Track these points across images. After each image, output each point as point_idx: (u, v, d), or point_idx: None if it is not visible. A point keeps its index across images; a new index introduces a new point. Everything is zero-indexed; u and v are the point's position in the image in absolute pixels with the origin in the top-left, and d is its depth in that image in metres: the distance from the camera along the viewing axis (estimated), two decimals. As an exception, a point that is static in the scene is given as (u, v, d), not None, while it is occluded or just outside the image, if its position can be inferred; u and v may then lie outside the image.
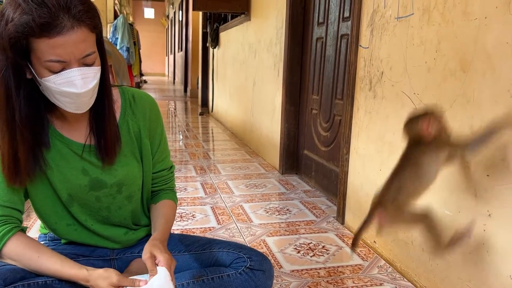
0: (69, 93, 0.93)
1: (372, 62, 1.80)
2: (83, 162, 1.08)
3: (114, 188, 1.12)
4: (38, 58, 0.89)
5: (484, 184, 1.21)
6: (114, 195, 1.12)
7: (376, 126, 1.78)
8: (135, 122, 1.15)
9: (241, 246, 1.25)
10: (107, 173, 1.10)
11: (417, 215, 1.11)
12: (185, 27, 9.86)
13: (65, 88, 0.92)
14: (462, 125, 1.29)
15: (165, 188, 1.27)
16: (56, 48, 0.88)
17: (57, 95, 0.94)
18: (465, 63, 1.27)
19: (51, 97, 0.96)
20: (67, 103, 0.96)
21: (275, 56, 3.17)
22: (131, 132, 1.14)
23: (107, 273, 0.97)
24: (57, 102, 0.96)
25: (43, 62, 0.89)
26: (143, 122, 1.16)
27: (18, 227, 1.01)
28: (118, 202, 1.14)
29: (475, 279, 1.25)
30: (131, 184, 1.14)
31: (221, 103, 5.52)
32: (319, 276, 1.56)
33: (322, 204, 2.39)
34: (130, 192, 1.15)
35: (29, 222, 1.97)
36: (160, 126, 1.21)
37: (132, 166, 1.14)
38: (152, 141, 1.19)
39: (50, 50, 0.88)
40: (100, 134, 1.06)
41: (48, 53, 0.88)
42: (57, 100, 0.95)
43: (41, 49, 0.88)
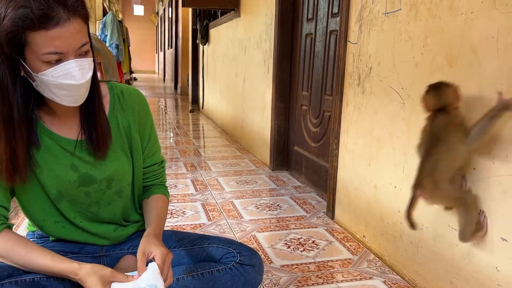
0: (68, 85, 0.92)
1: (360, 58, 1.81)
2: (73, 158, 1.07)
3: (104, 184, 1.11)
4: (34, 52, 0.88)
5: (471, 177, 1.22)
6: (103, 191, 1.12)
7: (365, 122, 1.79)
8: (124, 117, 1.14)
9: (231, 241, 1.26)
10: (97, 169, 1.09)
11: (456, 194, 1.17)
12: (175, 24, 9.81)
13: (64, 81, 0.92)
14: (449, 119, 1.30)
15: (156, 183, 1.27)
16: (54, 40, 0.88)
17: (55, 88, 0.93)
18: (451, 57, 1.29)
19: (46, 92, 0.95)
20: (64, 97, 0.95)
21: (264, 52, 3.17)
22: (120, 127, 1.13)
23: (98, 267, 0.96)
24: (53, 96, 0.95)
25: (40, 55, 0.88)
26: (132, 117, 1.16)
27: (4, 224, 1.00)
28: (108, 198, 1.13)
29: (462, 271, 1.27)
30: (120, 179, 1.14)
31: (212, 100, 5.51)
32: (309, 270, 1.57)
33: (312, 200, 2.40)
34: (120, 188, 1.15)
35: (17, 221, 1.95)
36: (150, 121, 1.21)
37: (121, 162, 1.14)
38: (142, 135, 1.19)
39: (48, 42, 0.87)
40: (92, 128, 1.06)
41: (45, 45, 0.87)
42: (53, 94, 0.94)
43: (38, 42, 0.87)
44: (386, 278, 1.54)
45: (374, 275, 1.55)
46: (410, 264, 1.51)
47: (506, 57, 1.10)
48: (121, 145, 1.13)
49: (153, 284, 0.96)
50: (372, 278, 1.53)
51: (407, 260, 1.53)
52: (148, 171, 1.24)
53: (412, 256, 1.50)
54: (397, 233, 1.58)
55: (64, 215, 1.10)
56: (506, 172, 1.11)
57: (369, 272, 1.57)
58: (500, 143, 1.12)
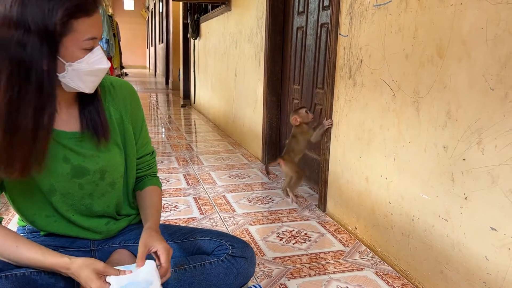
0: (99, 70, 0.96)
1: (351, 50, 1.81)
2: (65, 150, 1.06)
3: (97, 175, 1.11)
4: (76, 39, 0.91)
5: (461, 168, 1.23)
6: (97, 182, 1.11)
7: (356, 114, 1.80)
8: (116, 108, 1.15)
9: (223, 234, 1.26)
10: (90, 160, 1.09)
11: (295, 169, 2.19)
12: (166, 19, 9.74)
13: (97, 66, 0.95)
14: (439, 110, 1.31)
15: (148, 173, 1.28)
16: (93, 26, 0.92)
17: (86, 76, 0.95)
18: (441, 49, 1.29)
19: (73, 81, 0.96)
20: (90, 83, 0.98)
21: (256, 46, 3.16)
22: (113, 118, 1.14)
23: (90, 260, 0.96)
24: (80, 85, 0.97)
25: (82, 42, 0.91)
26: (124, 108, 1.16)
27: None
28: (101, 189, 1.13)
29: (452, 261, 1.29)
30: (113, 170, 1.14)
31: (203, 95, 5.49)
32: (301, 262, 1.58)
33: (304, 193, 2.41)
34: (113, 179, 1.15)
35: (8, 216, 1.93)
36: (141, 112, 1.22)
37: (114, 153, 1.13)
38: (135, 126, 1.20)
39: (90, 29, 0.92)
40: (95, 117, 1.07)
41: (88, 31, 0.91)
42: (81, 82, 0.96)
43: (82, 29, 0.91)
44: (378, 269, 1.55)
45: (366, 266, 1.56)
46: (401, 255, 1.53)
47: (495, 48, 1.11)
48: (113, 137, 1.14)
49: (150, 280, 0.96)
50: (363, 269, 1.54)
51: (398, 251, 1.54)
52: (141, 161, 1.25)
53: (403, 247, 1.51)
54: (388, 224, 1.60)
55: (56, 209, 1.09)
56: (495, 162, 1.12)
57: (360, 264, 1.59)
58: (489, 133, 1.13)
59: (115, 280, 0.94)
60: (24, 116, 0.91)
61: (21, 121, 0.91)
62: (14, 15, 0.86)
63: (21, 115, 0.91)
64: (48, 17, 0.87)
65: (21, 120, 0.91)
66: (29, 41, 0.87)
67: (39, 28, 0.87)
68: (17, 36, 0.87)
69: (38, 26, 0.87)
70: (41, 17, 0.87)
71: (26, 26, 0.87)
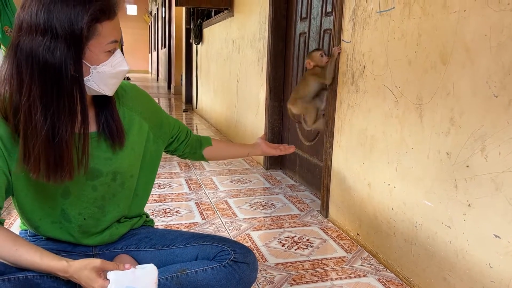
0: (121, 72, 0.99)
1: (354, 56, 1.82)
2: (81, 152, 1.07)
3: (109, 176, 1.12)
4: (100, 43, 0.93)
5: (464, 175, 1.23)
6: (109, 183, 1.13)
7: (358, 120, 1.80)
8: (130, 109, 1.17)
9: (225, 239, 1.25)
10: (103, 162, 1.10)
11: (304, 106, 2.10)
12: (168, 24, 9.77)
13: (120, 68, 0.98)
14: (443, 117, 1.31)
15: (192, 136, 1.38)
16: (114, 29, 0.95)
17: (109, 78, 0.97)
18: (445, 55, 1.29)
19: (97, 85, 0.98)
20: (112, 86, 1.00)
21: (258, 51, 3.17)
22: (127, 120, 1.15)
23: (87, 260, 0.96)
24: (103, 88, 0.99)
25: (105, 45, 0.94)
26: (138, 108, 1.18)
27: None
28: (112, 190, 1.15)
29: (455, 268, 1.28)
30: (124, 172, 1.15)
31: (206, 100, 5.50)
32: (303, 268, 1.57)
33: (306, 198, 2.40)
34: (123, 180, 1.16)
35: (10, 220, 1.93)
36: (156, 106, 1.27)
37: (126, 155, 1.15)
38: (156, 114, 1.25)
39: (112, 31, 0.95)
40: (109, 119, 1.09)
41: (111, 34, 0.94)
42: (105, 85, 0.98)
43: (105, 32, 0.93)
44: (380, 275, 1.54)
45: (368, 273, 1.56)
46: (404, 261, 1.52)
47: (498, 55, 1.11)
48: (128, 140, 1.15)
49: None
50: (366, 276, 1.53)
51: (401, 258, 1.54)
52: (180, 129, 1.34)
53: (405, 253, 1.51)
54: (390, 230, 1.59)
55: (66, 214, 1.10)
56: (499, 169, 1.12)
57: (363, 270, 1.58)
58: (493, 140, 1.13)
59: (114, 277, 0.94)
60: (62, 121, 0.93)
61: (60, 126, 0.93)
62: (41, 22, 0.88)
63: (59, 120, 0.93)
64: (75, 22, 0.89)
65: (59, 125, 0.93)
66: (57, 46, 0.89)
67: (66, 33, 0.89)
68: (45, 42, 0.89)
69: (65, 31, 0.89)
70: (68, 22, 0.89)
71: (54, 32, 0.89)
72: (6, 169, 1.00)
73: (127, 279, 0.95)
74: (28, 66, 0.90)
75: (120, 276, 0.94)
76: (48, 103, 0.92)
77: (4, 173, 1.00)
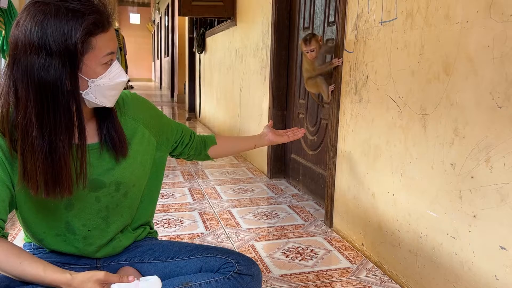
0: (120, 83, 0.98)
1: (357, 66, 1.82)
2: None
3: (113, 187, 1.12)
4: (96, 56, 0.92)
5: (469, 186, 1.22)
6: (112, 194, 1.13)
7: (362, 130, 1.79)
8: (132, 119, 1.17)
9: (229, 251, 1.25)
10: (106, 173, 1.10)
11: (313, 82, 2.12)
12: (171, 32, 9.83)
13: (118, 79, 0.97)
14: (446, 127, 1.30)
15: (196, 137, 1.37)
16: (109, 40, 0.95)
17: (108, 90, 0.97)
18: (448, 66, 1.29)
19: (96, 98, 0.97)
20: (111, 97, 0.99)
21: (261, 60, 3.18)
22: (129, 130, 1.15)
23: (91, 273, 0.96)
24: (103, 100, 0.98)
25: (102, 57, 0.93)
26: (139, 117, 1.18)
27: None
28: (116, 200, 1.14)
29: (461, 280, 1.27)
30: (127, 182, 1.15)
31: (208, 108, 5.51)
32: (307, 280, 1.56)
33: (310, 208, 2.39)
34: (126, 190, 1.16)
35: (14, 231, 1.93)
36: (158, 112, 1.25)
37: (129, 165, 1.15)
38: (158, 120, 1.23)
39: (107, 43, 0.94)
40: (111, 130, 1.09)
41: (106, 46, 0.93)
42: (104, 98, 0.98)
43: (101, 45, 0.93)
44: (385, 287, 1.53)
45: (373, 284, 1.54)
46: (409, 273, 1.51)
47: (502, 66, 1.11)
48: (130, 150, 1.15)
49: None
50: (371, 287, 1.52)
51: (406, 269, 1.52)
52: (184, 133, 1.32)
53: (411, 264, 1.50)
54: (395, 241, 1.58)
55: (70, 226, 1.09)
56: (504, 180, 1.11)
57: (368, 281, 1.57)
58: (497, 150, 1.13)
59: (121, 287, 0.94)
60: (58, 137, 0.93)
61: (56, 142, 0.93)
62: (34, 39, 0.87)
63: (55, 137, 0.92)
64: (69, 37, 0.89)
65: (56, 141, 0.93)
66: (52, 63, 0.89)
67: (61, 49, 0.89)
68: (40, 59, 0.88)
69: (60, 47, 0.88)
70: (62, 38, 0.88)
71: (48, 49, 0.88)
72: (9, 183, 1.01)
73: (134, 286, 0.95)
74: (23, 84, 0.90)
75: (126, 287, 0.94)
76: (44, 121, 0.91)
77: (7, 187, 1.00)
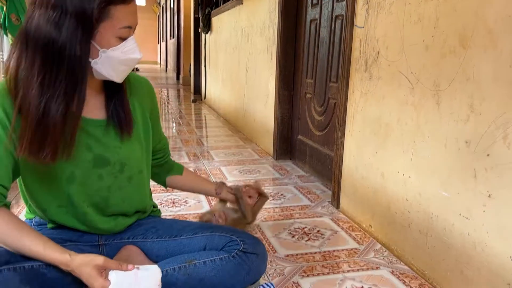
0: (131, 59, 0.97)
1: (367, 42, 1.76)
2: (89, 139, 1.06)
3: (117, 167, 1.10)
4: (112, 26, 0.91)
5: (484, 164, 1.18)
6: (116, 174, 1.10)
7: (372, 108, 1.74)
8: (139, 103, 1.15)
9: (233, 230, 1.22)
10: (111, 151, 1.08)
11: None
12: (177, 14, 9.72)
13: (131, 55, 0.96)
14: (461, 103, 1.25)
15: (169, 158, 1.38)
16: (130, 14, 0.94)
17: (118, 64, 0.95)
18: (465, 39, 1.23)
19: (105, 69, 0.96)
20: (121, 72, 0.98)
21: (268, 39, 3.11)
22: (136, 112, 1.14)
23: (90, 257, 0.93)
24: (111, 73, 0.97)
25: (118, 29, 0.92)
26: (146, 103, 1.17)
27: (1, 202, 0.97)
28: (119, 182, 1.12)
29: (473, 261, 1.23)
30: (132, 164, 1.13)
31: (214, 90, 5.46)
32: (314, 260, 1.53)
33: (316, 189, 2.36)
34: (130, 173, 1.14)
35: (17, 209, 1.92)
36: (157, 106, 1.26)
37: (135, 146, 1.13)
38: (154, 119, 1.23)
39: (127, 17, 0.93)
40: (118, 108, 1.08)
41: (125, 19, 0.92)
42: (112, 71, 0.96)
43: (119, 16, 0.92)
44: (394, 268, 1.50)
45: (381, 265, 1.51)
46: (418, 254, 1.47)
47: (523, 36, 1.05)
48: (136, 131, 1.15)
49: None
50: (379, 268, 1.49)
51: (415, 250, 1.49)
52: (162, 147, 1.32)
53: (420, 245, 1.46)
54: (405, 222, 1.54)
55: (71, 199, 1.07)
56: (522, 158, 1.06)
57: (376, 262, 1.53)
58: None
59: (115, 279, 0.91)
60: (55, 100, 0.91)
61: (51, 104, 0.91)
62: None
63: (52, 99, 0.91)
64: (87, 2, 0.87)
65: (51, 103, 0.91)
66: (65, 23, 0.87)
67: (77, 11, 0.87)
68: (54, 16, 0.87)
69: (76, 9, 0.87)
70: (80, 1, 0.87)
71: (64, 8, 0.87)
72: (13, 150, 0.98)
73: (129, 281, 0.92)
74: (34, 39, 0.89)
75: (122, 278, 0.91)
76: (46, 81, 0.90)
77: (11, 153, 0.98)
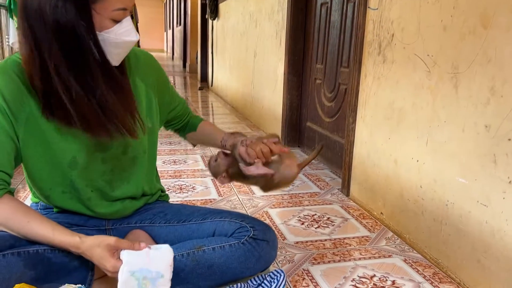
0: (126, 42, 0.93)
1: (381, 25, 1.70)
2: None
3: (120, 149, 1.07)
4: (105, 8, 0.88)
5: (505, 149, 1.13)
6: (119, 157, 1.08)
7: (385, 93, 1.69)
8: (141, 79, 1.11)
9: (243, 216, 1.19)
10: None
11: None
12: (184, 0, 9.62)
13: (125, 38, 0.92)
14: (481, 86, 1.20)
15: (191, 116, 1.34)
16: None
17: (112, 47, 0.92)
18: (486, 18, 1.17)
19: None
20: (116, 56, 0.95)
21: (277, 24, 3.05)
22: (138, 90, 1.10)
23: (101, 238, 0.91)
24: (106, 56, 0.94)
25: (111, 11, 0.89)
26: (149, 78, 1.13)
27: (5, 189, 0.94)
28: (122, 164, 1.09)
29: (491, 249, 1.19)
30: (136, 145, 1.09)
31: (221, 77, 5.41)
32: (324, 247, 1.50)
33: (326, 176, 2.32)
34: (135, 154, 1.11)
35: (24, 194, 1.90)
36: (164, 74, 1.22)
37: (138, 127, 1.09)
38: (164, 90, 1.20)
39: None
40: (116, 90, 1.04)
41: (117, 1, 0.89)
42: (107, 53, 0.93)
43: None
44: (406, 256, 1.46)
45: (394, 253, 1.48)
46: (432, 242, 1.43)
47: (551, 14, 0.99)
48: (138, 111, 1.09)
49: (161, 273, 0.91)
50: (391, 256, 1.46)
51: (429, 238, 1.45)
52: (178, 113, 1.30)
53: (434, 233, 1.42)
54: (418, 209, 1.50)
55: (74, 185, 1.04)
56: (547, 143, 1.01)
57: (388, 250, 1.50)
58: (541, 110, 1.02)
59: (127, 258, 0.89)
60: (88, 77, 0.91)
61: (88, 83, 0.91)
62: None
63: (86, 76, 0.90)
64: None
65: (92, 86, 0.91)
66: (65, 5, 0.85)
67: None
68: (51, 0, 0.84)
69: None
70: None
71: None
72: (13, 135, 0.95)
73: (141, 260, 0.89)
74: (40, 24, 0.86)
75: (134, 257, 0.89)
76: (71, 61, 0.89)
77: (12, 139, 0.95)
